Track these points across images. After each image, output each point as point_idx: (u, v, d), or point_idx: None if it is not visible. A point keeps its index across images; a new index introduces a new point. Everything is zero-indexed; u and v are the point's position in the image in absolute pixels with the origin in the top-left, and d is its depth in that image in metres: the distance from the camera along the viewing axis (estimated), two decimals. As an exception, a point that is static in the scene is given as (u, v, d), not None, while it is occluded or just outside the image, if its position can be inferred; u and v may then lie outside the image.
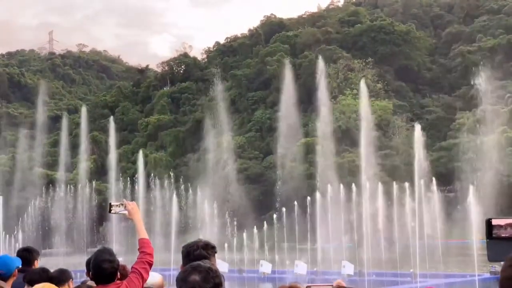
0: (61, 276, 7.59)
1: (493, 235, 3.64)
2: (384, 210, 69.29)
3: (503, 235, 3.62)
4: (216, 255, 5.82)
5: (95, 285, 6.59)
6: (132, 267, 6.78)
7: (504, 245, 3.53)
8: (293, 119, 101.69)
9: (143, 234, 6.86)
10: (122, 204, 6.97)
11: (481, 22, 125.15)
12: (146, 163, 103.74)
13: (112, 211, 6.98)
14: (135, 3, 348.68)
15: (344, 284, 4.08)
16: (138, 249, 6.80)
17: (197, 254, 5.44)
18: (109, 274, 6.41)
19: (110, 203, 7.00)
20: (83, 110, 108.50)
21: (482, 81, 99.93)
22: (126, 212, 6.91)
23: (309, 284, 4.05)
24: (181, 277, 4.05)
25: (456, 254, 55.19)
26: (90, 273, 6.67)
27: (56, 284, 7.50)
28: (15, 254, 7.90)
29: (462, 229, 70.07)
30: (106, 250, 6.67)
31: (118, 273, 6.59)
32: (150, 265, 6.73)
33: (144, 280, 6.68)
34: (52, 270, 7.73)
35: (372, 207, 70.41)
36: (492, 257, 3.64)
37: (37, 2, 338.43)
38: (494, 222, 3.66)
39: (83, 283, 7.77)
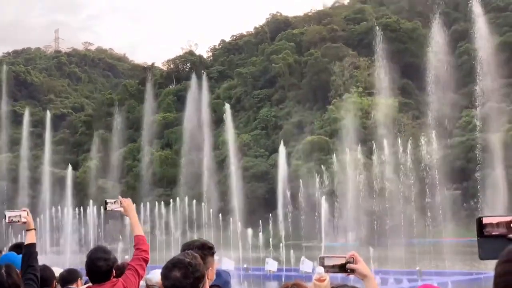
0: (69, 276, 7.63)
1: (484, 233, 3.63)
2: (390, 208, 69.24)
3: (494, 233, 3.60)
4: (222, 253, 5.81)
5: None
6: (128, 264, 6.79)
7: (495, 243, 3.50)
8: (298, 117, 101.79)
9: (139, 230, 6.85)
10: (118, 201, 7.01)
11: (488, 19, 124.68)
12: (151, 161, 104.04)
13: (107, 208, 7.02)
14: (140, 1, 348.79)
15: (358, 257, 4.07)
16: (134, 246, 6.80)
17: None
18: (104, 272, 6.40)
19: (105, 201, 7.04)
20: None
21: (487, 79, 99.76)
22: (121, 209, 6.94)
23: (322, 255, 4.06)
24: (163, 273, 4.22)
25: (462, 252, 55.12)
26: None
27: (64, 284, 7.54)
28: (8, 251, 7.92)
29: (468, 227, 69.98)
30: (100, 248, 6.68)
31: (114, 271, 6.59)
32: (146, 261, 6.73)
33: (140, 276, 6.68)
34: (57, 268, 7.76)
35: (378, 205, 70.43)
36: (483, 256, 3.62)
37: (43, 0, 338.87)
38: (485, 220, 3.65)
39: (86, 283, 7.80)
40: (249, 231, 69.70)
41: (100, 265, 6.37)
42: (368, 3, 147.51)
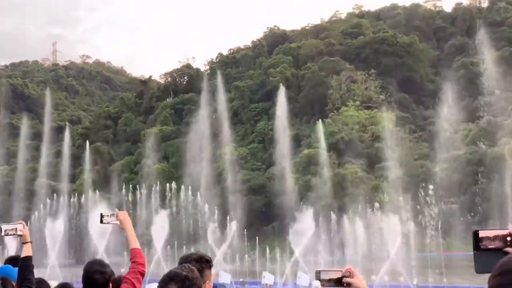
0: None
1: (481, 247, 3.63)
2: (386, 222, 69.07)
3: (490, 246, 3.61)
4: (219, 266, 5.78)
5: None
6: (124, 277, 6.76)
7: (491, 256, 3.50)
8: (295, 130, 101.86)
9: (135, 244, 6.83)
10: (114, 214, 6.97)
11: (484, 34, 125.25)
12: (148, 174, 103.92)
13: (104, 221, 6.97)
14: (138, 15, 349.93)
15: (354, 271, 4.06)
16: (130, 259, 6.77)
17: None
18: (101, 285, 6.38)
19: (101, 214, 7.00)
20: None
21: (485, 93, 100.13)
22: (117, 222, 6.90)
23: (319, 269, 4.05)
24: (160, 286, 4.21)
25: (459, 266, 55.05)
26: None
27: None
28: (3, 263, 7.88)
29: (466, 241, 69.94)
30: (97, 261, 6.66)
31: (111, 284, 6.56)
32: (142, 274, 6.70)
33: None
34: (53, 281, 7.72)
35: (375, 218, 70.29)
36: (479, 269, 3.63)
37: (42, 14, 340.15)
38: (482, 234, 3.67)
39: None
40: (246, 244, 69.58)
41: (96, 278, 6.36)
42: (365, 17, 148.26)
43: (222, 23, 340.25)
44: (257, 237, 69.90)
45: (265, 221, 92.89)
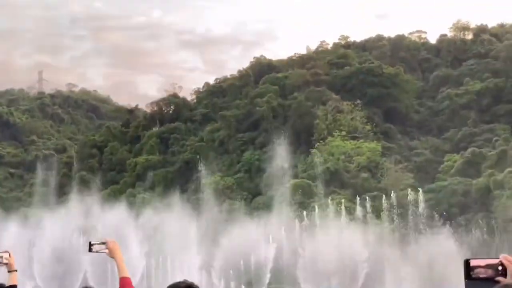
0: None
1: (472, 276, 3.61)
2: (372, 252, 68.99)
3: (481, 275, 3.59)
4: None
5: None
6: None
7: (483, 285, 3.49)
8: (282, 161, 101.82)
9: (125, 272, 6.78)
10: (104, 243, 6.89)
11: (469, 65, 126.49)
12: (134, 203, 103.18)
13: (93, 250, 6.89)
14: (125, 43, 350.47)
15: None
16: None
17: None
18: None
19: (90, 242, 6.92)
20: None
21: (469, 124, 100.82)
22: (106, 250, 6.83)
23: None
24: None
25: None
26: None
27: None
28: None
29: (451, 271, 69.89)
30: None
31: None
32: None
33: None
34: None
35: (361, 248, 70.16)
36: None
37: (28, 42, 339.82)
38: (473, 262, 3.64)
39: None
40: (231, 274, 69.07)
41: None
42: (351, 48, 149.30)
43: (208, 53, 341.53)
44: (243, 267, 69.38)
45: (252, 251, 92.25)
